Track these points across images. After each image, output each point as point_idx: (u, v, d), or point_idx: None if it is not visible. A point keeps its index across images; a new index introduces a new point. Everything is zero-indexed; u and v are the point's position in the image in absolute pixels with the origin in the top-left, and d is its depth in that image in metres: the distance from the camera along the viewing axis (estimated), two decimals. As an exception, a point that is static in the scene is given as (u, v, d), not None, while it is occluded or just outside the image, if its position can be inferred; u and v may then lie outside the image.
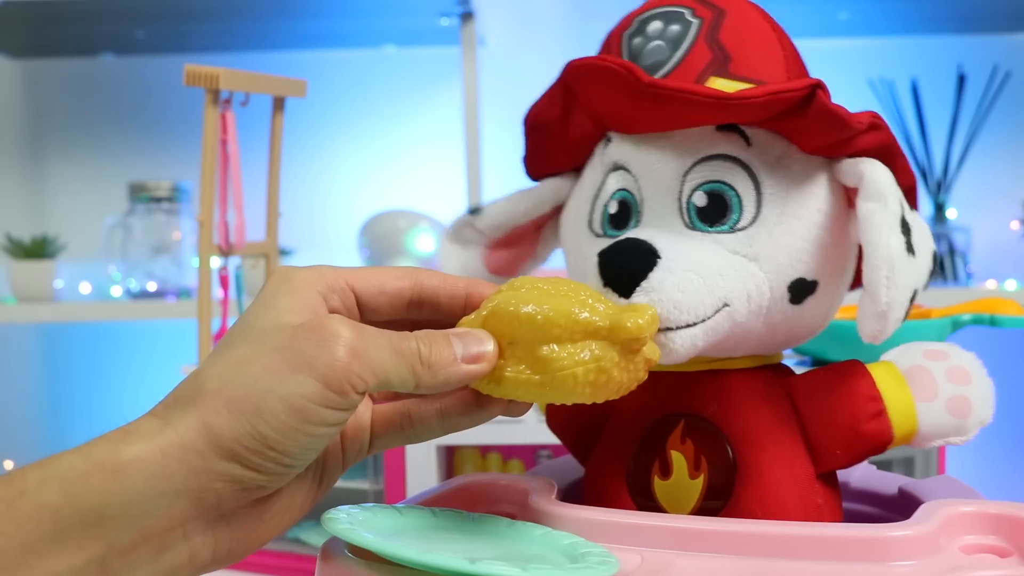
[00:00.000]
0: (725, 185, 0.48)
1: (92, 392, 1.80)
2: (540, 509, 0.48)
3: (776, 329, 0.49)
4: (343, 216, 1.73)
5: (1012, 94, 1.62)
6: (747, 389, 0.50)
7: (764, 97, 0.45)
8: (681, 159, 0.48)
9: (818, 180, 0.49)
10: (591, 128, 0.51)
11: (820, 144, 0.48)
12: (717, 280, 0.46)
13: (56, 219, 1.81)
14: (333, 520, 0.41)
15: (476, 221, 0.56)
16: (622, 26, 0.51)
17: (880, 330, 0.45)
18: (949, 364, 0.49)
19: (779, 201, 0.48)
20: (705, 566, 0.43)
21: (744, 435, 0.48)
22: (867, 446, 0.48)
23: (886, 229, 0.45)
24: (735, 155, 0.48)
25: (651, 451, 0.50)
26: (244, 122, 0.96)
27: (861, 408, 0.48)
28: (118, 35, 1.67)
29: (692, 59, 0.48)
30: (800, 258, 0.48)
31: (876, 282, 0.44)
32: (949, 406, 0.48)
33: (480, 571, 0.36)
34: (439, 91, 1.74)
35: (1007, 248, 1.64)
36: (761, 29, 0.50)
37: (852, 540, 0.43)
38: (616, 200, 0.50)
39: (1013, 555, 0.43)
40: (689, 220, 0.48)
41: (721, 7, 0.50)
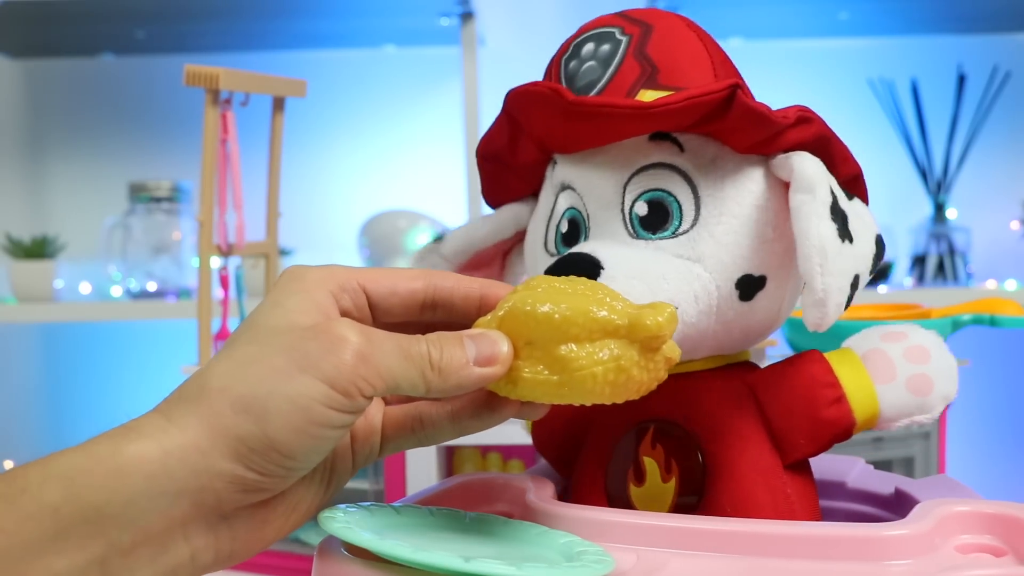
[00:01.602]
0: (664, 192, 0.49)
1: (92, 392, 1.80)
2: (537, 508, 0.49)
3: (731, 327, 0.50)
4: (343, 216, 1.74)
5: (1012, 94, 1.62)
6: (710, 389, 0.51)
7: (683, 102, 0.46)
8: (619, 172, 0.49)
9: (754, 177, 0.50)
10: (537, 153, 0.53)
11: (750, 142, 0.49)
12: (660, 284, 0.47)
13: (56, 219, 1.81)
14: (329, 519, 0.41)
15: (440, 248, 0.57)
16: (560, 52, 0.53)
17: (821, 317, 0.46)
18: (906, 344, 0.50)
19: (717, 202, 0.49)
20: (701, 565, 0.43)
21: (711, 434, 0.49)
22: (829, 432, 0.49)
23: (815, 218, 0.45)
24: (670, 162, 0.49)
25: (625, 459, 0.51)
26: (244, 122, 0.96)
27: (819, 395, 0.49)
28: (118, 35, 1.68)
29: (622, 75, 0.49)
30: (743, 255, 0.49)
31: (810, 271, 0.45)
32: (909, 385, 0.49)
33: (475, 570, 0.36)
34: (439, 91, 1.74)
35: (1007, 248, 1.64)
36: (687, 39, 0.51)
37: (847, 539, 0.43)
38: (566, 219, 0.52)
39: (1008, 554, 0.44)
40: (633, 230, 0.49)
41: (648, 23, 0.51)
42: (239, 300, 0.99)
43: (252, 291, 1.17)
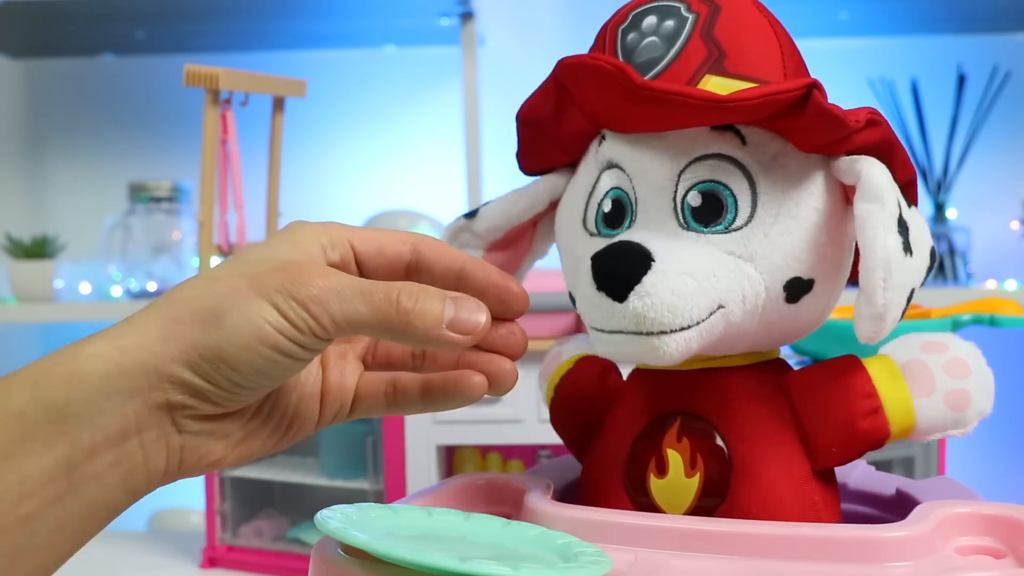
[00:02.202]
0: (720, 185, 0.47)
1: (92, 392, 1.80)
2: (535, 509, 0.48)
3: (772, 328, 0.49)
4: (343, 216, 1.73)
5: (1012, 94, 1.62)
6: (743, 387, 0.49)
7: (758, 99, 0.44)
8: (676, 159, 0.47)
9: (815, 178, 0.48)
10: (585, 125, 0.51)
11: (817, 143, 0.48)
12: (711, 282, 0.45)
13: (56, 219, 1.81)
14: (326, 520, 0.41)
15: (472, 225, 0.55)
16: (616, 19, 0.50)
17: (877, 331, 0.45)
18: (947, 357, 0.48)
19: (775, 201, 0.47)
20: (699, 566, 0.43)
21: (740, 433, 0.48)
22: (863, 444, 0.48)
23: (883, 230, 0.44)
24: (730, 154, 0.47)
25: (647, 449, 0.50)
26: (244, 122, 0.96)
27: (857, 405, 0.48)
28: (118, 35, 1.67)
29: (687, 56, 0.47)
30: (796, 257, 0.47)
31: (872, 284, 0.44)
32: (947, 400, 0.48)
33: (471, 570, 0.36)
34: (439, 91, 1.74)
35: (1007, 248, 1.64)
36: (758, 24, 0.49)
37: (847, 541, 0.43)
38: (610, 198, 0.50)
39: (1008, 556, 0.43)
40: (684, 220, 0.47)
41: (717, 2, 0.49)
42: (239, 300, 0.99)
43: (252, 291, 1.16)
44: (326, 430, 0.90)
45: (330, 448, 0.90)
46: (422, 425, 0.84)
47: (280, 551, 0.92)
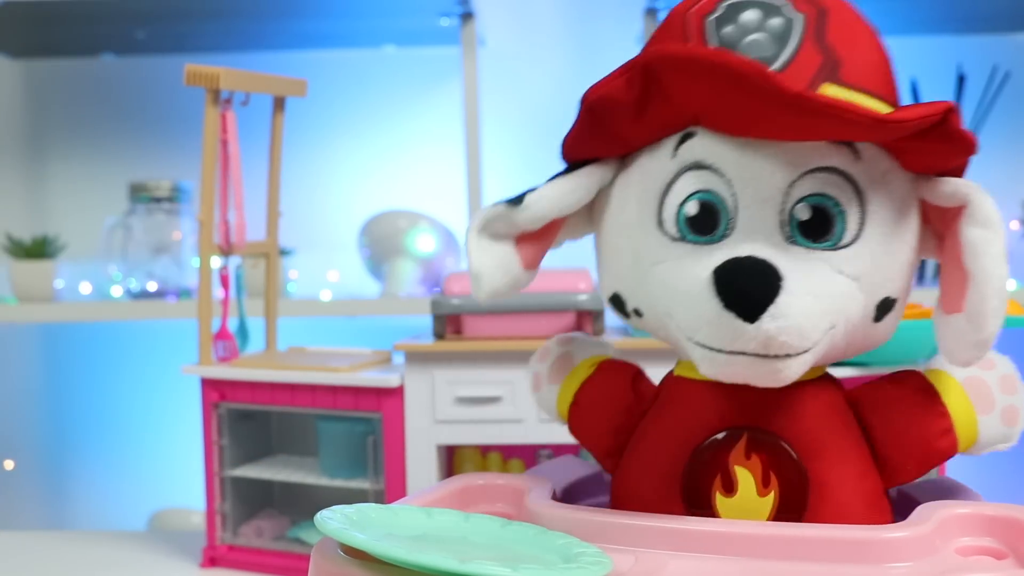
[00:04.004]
0: (830, 200, 0.46)
1: (92, 392, 1.80)
2: (535, 510, 0.48)
3: (852, 345, 0.48)
4: (343, 216, 1.73)
5: (1012, 94, 1.61)
6: (814, 402, 0.48)
7: (916, 120, 0.43)
8: (790, 169, 0.45)
9: (911, 198, 0.48)
10: (671, 119, 0.47)
11: (930, 164, 0.47)
12: (830, 304, 0.45)
13: (56, 219, 1.81)
14: (326, 520, 0.41)
15: (514, 214, 0.50)
16: (702, 8, 0.47)
17: (978, 358, 0.44)
18: (999, 373, 0.49)
19: (880, 219, 0.46)
20: (699, 567, 0.43)
21: (813, 449, 0.47)
22: (936, 461, 0.48)
23: (999, 260, 0.44)
24: (844, 169, 0.46)
25: (709, 465, 0.48)
26: (244, 122, 0.96)
27: (933, 424, 0.48)
28: (118, 35, 1.67)
29: (802, 60, 0.45)
30: (890, 277, 0.47)
31: (985, 312, 0.43)
32: (1003, 416, 0.48)
33: (470, 570, 0.36)
34: (439, 91, 1.74)
35: (1007, 248, 1.64)
36: (867, 34, 0.48)
37: (848, 541, 0.43)
38: (696, 201, 0.47)
39: (1008, 557, 0.43)
40: (790, 234, 0.46)
41: (822, 4, 0.47)
42: (239, 300, 0.99)
43: (252, 291, 1.17)
44: (326, 430, 0.90)
45: (330, 448, 0.90)
46: (422, 425, 0.84)
47: (280, 551, 0.92)
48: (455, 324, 0.85)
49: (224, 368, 0.91)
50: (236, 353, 0.97)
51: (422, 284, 1.54)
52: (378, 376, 0.85)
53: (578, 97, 0.50)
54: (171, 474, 1.74)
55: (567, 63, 1.67)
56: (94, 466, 1.80)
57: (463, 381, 0.83)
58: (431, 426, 0.84)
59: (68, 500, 1.82)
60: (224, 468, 0.93)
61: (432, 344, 0.83)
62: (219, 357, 0.95)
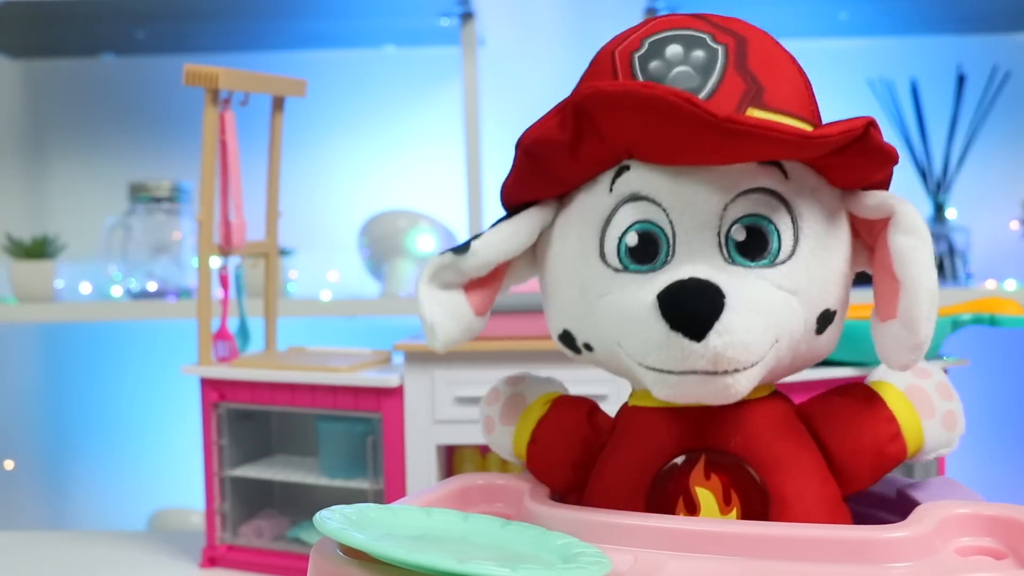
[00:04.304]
0: (764, 219, 0.47)
1: (92, 392, 1.80)
2: (534, 510, 0.48)
3: (797, 359, 0.50)
4: (343, 216, 1.73)
5: (1012, 94, 1.61)
6: (765, 418, 0.50)
7: (839, 135, 0.44)
8: (723, 192, 0.47)
9: (840, 212, 0.50)
10: (605, 155, 0.49)
11: (855, 178, 0.49)
12: (772, 319, 0.46)
13: (56, 219, 1.81)
14: (325, 520, 0.41)
15: (461, 262, 0.51)
16: (629, 46, 0.49)
17: (914, 361, 0.46)
18: (936, 381, 0.51)
19: (813, 234, 0.48)
20: (699, 567, 0.43)
21: (770, 464, 0.48)
22: (888, 466, 0.50)
23: (928, 265, 0.45)
24: (774, 188, 0.47)
25: (671, 489, 0.49)
26: (244, 122, 0.96)
27: (882, 430, 0.49)
28: (118, 35, 1.67)
29: (727, 88, 0.47)
30: (828, 290, 0.49)
31: (917, 317, 0.44)
32: (944, 421, 0.50)
33: (469, 570, 0.36)
34: (439, 91, 1.74)
35: (1007, 248, 1.64)
36: (785, 59, 0.50)
37: (847, 541, 0.43)
38: (635, 232, 0.48)
39: (1008, 557, 0.43)
40: (728, 255, 0.47)
41: (741, 35, 0.49)
42: (239, 300, 0.99)
43: (252, 291, 1.17)
44: (326, 430, 0.90)
45: (330, 448, 0.90)
46: (422, 425, 0.84)
47: (280, 551, 0.92)
48: (455, 324, 0.85)
49: (224, 368, 0.91)
50: (236, 353, 0.97)
51: (422, 284, 1.54)
52: (378, 376, 0.85)
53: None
54: (171, 474, 1.74)
55: (567, 63, 1.67)
56: (94, 466, 1.80)
57: (463, 381, 0.83)
58: (431, 426, 0.84)
59: (68, 500, 1.82)
60: (224, 468, 0.93)
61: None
62: (219, 357, 0.95)
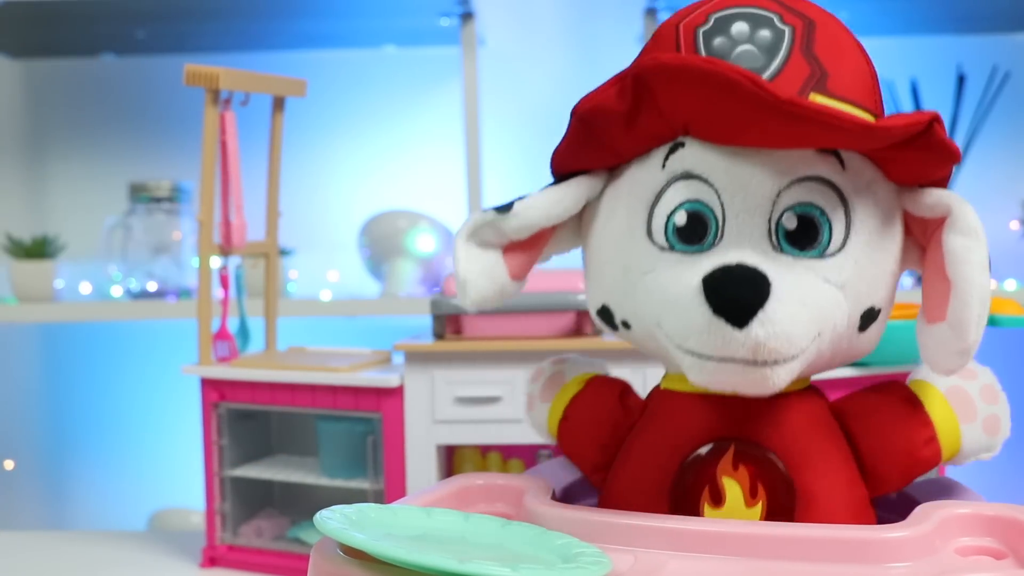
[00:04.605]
0: (817, 209, 0.46)
1: (92, 392, 1.80)
2: (534, 509, 0.48)
3: (837, 355, 0.49)
4: (343, 216, 1.73)
5: (1012, 94, 1.61)
6: (799, 413, 0.49)
7: (902, 127, 0.43)
8: (777, 177, 0.46)
9: (895, 209, 0.49)
10: (661, 129, 0.48)
11: (913, 174, 0.48)
12: (817, 312, 0.45)
13: (56, 219, 1.81)
14: (325, 520, 0.41)
15: (502, 222, 0.50)
16: (693, 20, 0.48)
17: (962, 366, 0.45)
18: (981, 383, 0.50)
19: (865, 229, 0.47)
20: (699, 567, 0.43)
21: (800, 460, 0.48)
22: (921, 470, 0.49)
23: (981, 268, 0.44)
24: (830, 178, 0.46)
25: (698, 477, 0.49)
26: (244, 122, 0.96)
27: (917, 434, 0.48)
28: (118, 35, 1.67)
29: (791, 71, 0.46)
30: (874, 286, 0.48)
31: (968, 320, 0.43)
32: (985, 425, 0.49)
33: (470, 570, 0.36)
34: (439, 91, 1.74)
35: (1007, 248, 1.64)
36: (853, 46, 0.49)
37: (847, 541, 0.43)
38: (685, 211, 0.47)
39: (1008, 557, 0.43)
40: (777, 243, 0.46)
41: (809, 16, 0.48)
42: (239, 300, 0.99)
43: (252, 291, 1.16)
44: (326, 430, 0.90)
45: (330, 448, 0.90)
46: (422, 425, 0.84)
47: (280, 551, 0.92)
48: (455, 324, 0.85)
49: (224, 368, 0.91)
50: (236, 353, 0.97)
51: (422, 284, 1.54)
52: (378, 376, 0.85)
53: (578, 97, 0.50)
54: (171, 474, 1.74)
55: (567, 63, 1.67)
56: (94, 466, 1.80)
57: (463, 381, 0.83)
58: (431, 426, 0.84)
59: (68, 500, 1.82)
60: (224, 468, 0.93)
61: (432, 344, 0.83)
62: (219, 357, 0.95)
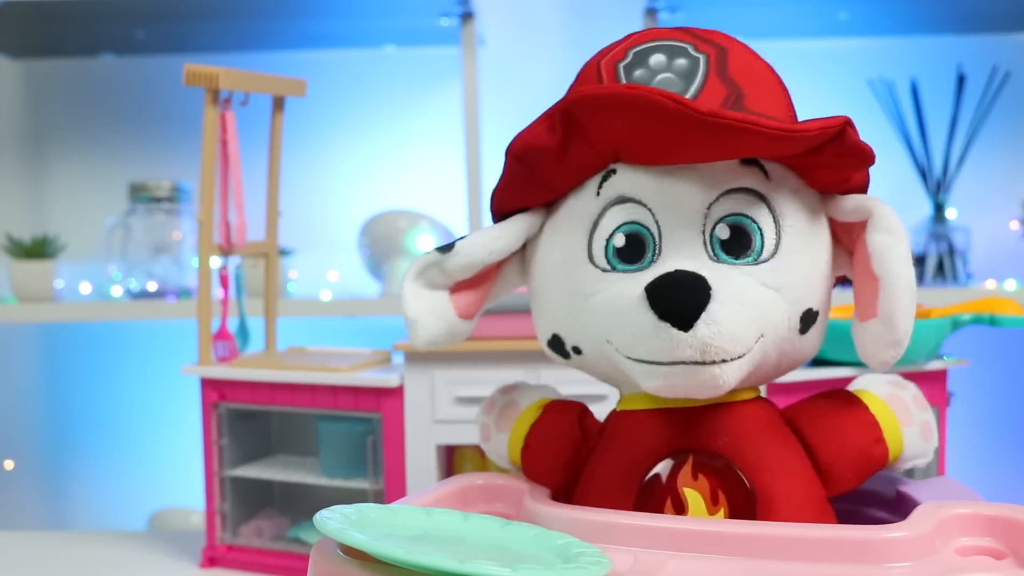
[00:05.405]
0: (747, 218, 0.49)
1: (92, 392, 1.80)
2: (534, 510, 0.49)
3: (783, 358, 0.51)
4: (343, 216, 1.73)
5: (1012, 94, 1.61)
6: (752, 420, 0.50)
7: (816, 131, 0.46)
8: (706, 192, 0.48)
9: (821, 214, 0.51)
10: (592, 159, 0.50)
11: (831, 180, 0.50)
12: (757, 312, 0.47)
13: (56, 219, 1.81)
14: (325, 520, 0.41)
15: (445, 261, 0.52)
16: (614, 56, 0.51)
17: (895, 358, 0.47)
18: (912, 392, 0.53)
19: (795, 233, 0.49)
20: (699, 567, 0.43)
21: (757, 465, 0.49)
22: (872, 468, 0.51)
23: (904, 262, 0.47)
24: (756, 188, 0.49)
25: (659, 490, 0.50)
26: (244, 122, 0.96)
27: (865, 433, 0.51)
28: (118, 35, 1.67)
29: (708, 92, 0.49)
30: (811, 288, 0.50)
31: (896, 312, 0.46)
32: (921, 430, 0.52)
33: (470, 570, 0.36)
34: (439, 91, 1.74)
35: (1007, 248, 1.64)
36: (763, 67, 0.52)
37: (847, 541, 0.43)
38: (622, 233, 0.50)
39: (1008, 557, 0.43)
40: (713, 252, 0.48)
41: (722, 45, 0.51)
42: (239, 300, 0.99)
43: (252, 291, 1.16)
44: (326, 430, 0.90)
45: (330, 448, 0.90)
46: (422, 425, 0.84)
47: (280, 551, 0.92)
48: (455, 324, 0.85)
49: (224, 368, 0.91)
50: (236, 353, 0.97)
51: (422, 284, 1.54)
52: (378, 376, 0.85)
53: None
54: (171, 474, 1.74)
55: (567, 63, 1.67)
56: (94, 466, 1.80)
57: (463, 381, 0.83)
58: (431, 426, 0.84)
59: (68, 500, 1.82)
60: (224, 468, 0.93)
61: (432, 344, 0.83)
62: (219, 357, 0.95)
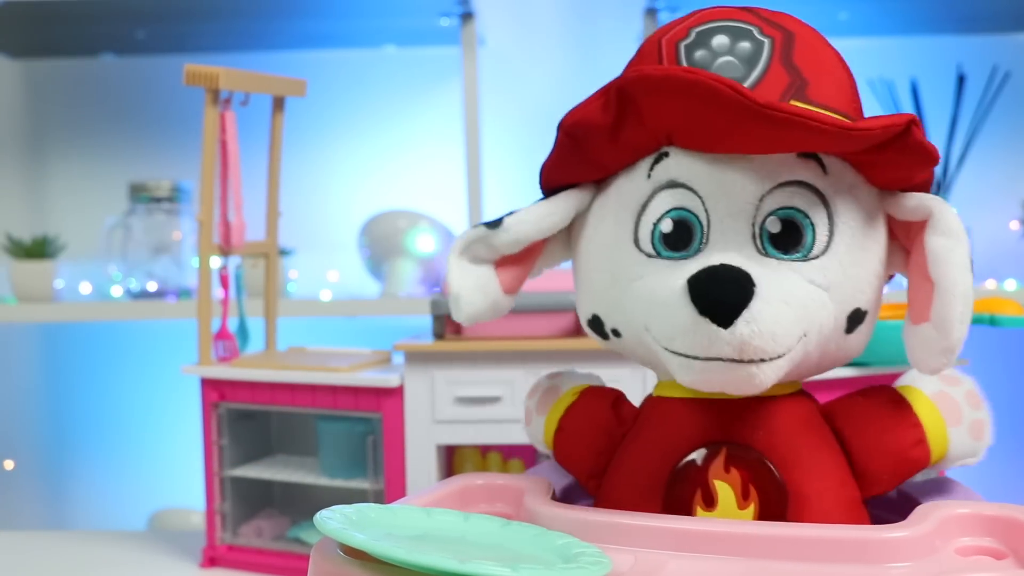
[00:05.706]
0: (800, 212, 0.47)
1: (92, 392, 1.80)
2: (534, 509, 0.48)
3: (825, 357, 0.49)
4: (343, 216, 1.73)
5: (1012, 94, 1.61)
6: (790, 415, 0.49)
7: (879, 129, 0.44)
8: (760, 183, 0.47)
9: (878, 212, 0.50)
10: (645, 140, 0.49)
11: (894, 177, 0.49)
12: (802, 312, 0.46)
13: (56, 219, 1.81)
14: (325, 520, 0.41)
15: (493, 237, 0.51)
16: (676, 34, 0.49)
17: (946, 365, 0.46)
18: (965, 389, 0.51)
19: (849, 231, 0.48)
20: (699, 567, 0.43)
21: (792, 462, 0.48)
22: (910, 471, 0.50)
23: (963, 268, 0.45)
24: (812, 182, 0.47)
25: (690, 480, 0.49)
26: (244, 122, 0.96)
27: (906, 435, 0.49)
28: (118, 35, 1.67)
29: (770, 80, 0.47)
30: (861, 288, 0.48)
31: (950, 319, 0.44)
32: (971, 430, 0.50)
33: (470, 570, 0.36)
34: (439, 91, 1.74)
35: (1007, 248, 1.64)
36: (831, 55, 0.50)
37: (847, 541, 0.43)
38: (671, 219, 0.48)
39: (1008, 557, 0.43)
40: (761, 246, 0.47)
41: (788, 28, 0.49)
42: (239, 300, 0.99)
43: (252, 291, 1.16)
44: (326, 430, 0.90)
45: (330, 448, 0.90)
46: (422, 425, 0.84)
47: (280, 551, 0.92)
48: (455, 324, 0.85)
49: (224, 368, 0.91)
50: (236, 353, 0.97)
51: (422, 284, 1.54)
52: (378, 376, 0.85)
53: (577, 98, 0.51)
54: (171, 474, 1.74)
55: (567, 63, 1.67)
56: (94, 466, 1.80)
57: (463, 381, 0.83)
58: (431, 426, 0.84)
59: (68, 500, 1.82)
60: (224, 468, 0.93)
61: (432, 344, 0.83)
62: (219, 357, 0.95)
